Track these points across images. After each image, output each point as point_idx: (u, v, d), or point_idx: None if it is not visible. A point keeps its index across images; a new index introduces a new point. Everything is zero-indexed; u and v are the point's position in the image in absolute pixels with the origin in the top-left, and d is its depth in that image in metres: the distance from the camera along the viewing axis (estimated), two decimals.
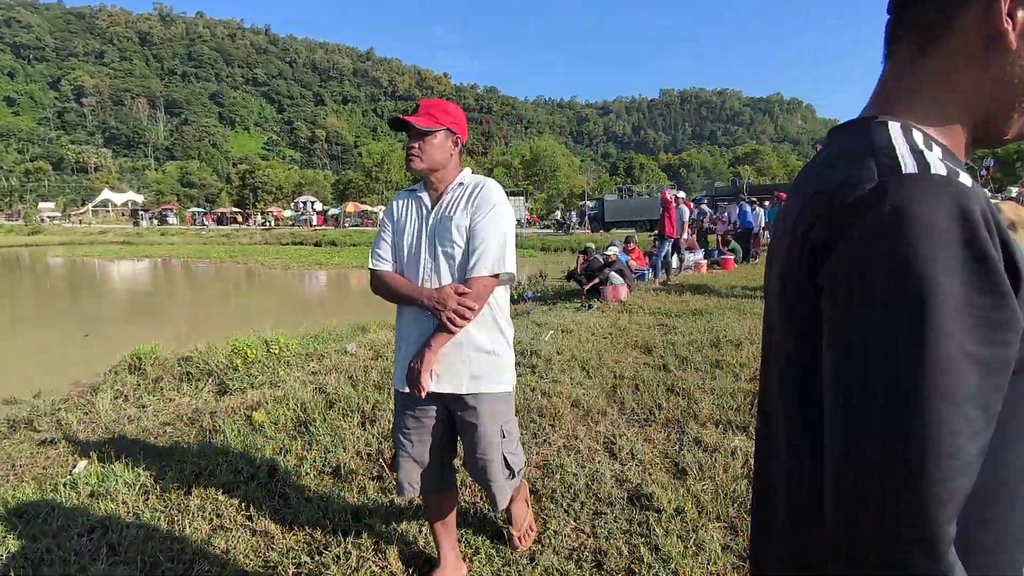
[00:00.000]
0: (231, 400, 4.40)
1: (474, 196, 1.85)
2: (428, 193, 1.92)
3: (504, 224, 1.84)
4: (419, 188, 1.96)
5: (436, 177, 1.89)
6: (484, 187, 1.87)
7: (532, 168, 62.17)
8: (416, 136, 1.83)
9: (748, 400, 3.88)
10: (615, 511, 2.55)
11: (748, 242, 14.10)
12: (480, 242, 1.78)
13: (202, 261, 25.90)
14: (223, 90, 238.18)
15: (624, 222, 31.48)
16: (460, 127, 1.91)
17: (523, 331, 6.13)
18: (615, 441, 3.29)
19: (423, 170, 1.86)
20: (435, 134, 1.84)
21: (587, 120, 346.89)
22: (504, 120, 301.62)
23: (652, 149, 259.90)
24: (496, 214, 1.82)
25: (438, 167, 1.87)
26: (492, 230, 1.80)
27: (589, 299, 8.40)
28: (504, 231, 1.82)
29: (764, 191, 27.94)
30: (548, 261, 20.68)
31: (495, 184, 1.90)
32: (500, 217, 1.83)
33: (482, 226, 1.80)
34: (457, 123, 1.90)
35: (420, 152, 1.83)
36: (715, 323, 6.11)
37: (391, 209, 1.98)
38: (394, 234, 1.94)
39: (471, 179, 1.93)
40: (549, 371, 4.61)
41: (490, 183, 1.90)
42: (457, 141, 1.91)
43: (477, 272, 1.77)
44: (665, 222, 9.96)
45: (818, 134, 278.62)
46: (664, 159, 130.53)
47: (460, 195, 1.88)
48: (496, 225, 1.81)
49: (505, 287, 1.96)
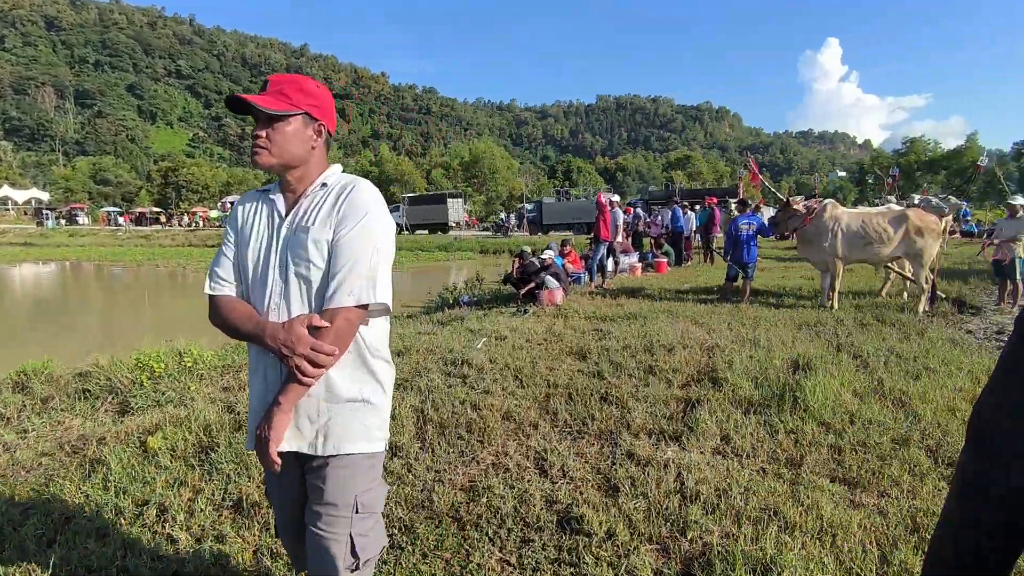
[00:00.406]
0: (128, 423, 3.95)
1: (340, 202, 1.43)
2: (283, 196, 1.51)
3: (378, 239, 1.42)
4: (273, 189, 1.55)
5: (293, 176, 1.49)
6: (354, 190, 1.44)
7: (471, 170, 61.83)
8: (264, 122, 1.44)
9: (680, 407, 3.83)
10: (543, 537, 2.39)
11: (680, 245, 14.45)
12: (344, 262, 1.38)
13: (117, 264, 24.11)
14: (142, 82, 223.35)
15: (562, 224, 31.78)
16: (325, 112, 1.52)
17: (456, 338, 5.91)
18: (546, 457, 3.14)
19: (273, 166, 1.45)
20: (288, 120, 1.44)
21: (526, 123, 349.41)
22: (443, 121, 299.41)
23: (589, 153, 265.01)
24: (368, 225, 1.41)
25: (294, 163, 1.47)
26: (361, 246, 1.39)
27: (525, 303, 8.28)
28: (377, 247, 1.42)
29: (695, 195, 28.96)
30: (486, 263, 20.55)
31: (369, 186, 1.49)
32: (373, 229, 1.41)
33: (348, 241, 1.39)
34: (320, 106, 1.50)
35: (269, 143, 1.43)
36: (649, 327, 6.11)
37: (235, 215, 1.56)
38: (238, 248, 1.52)
39: (338, 179, 1.51)
40: (481, 381, 4.42)
41: (362, 184, 1.48)
42: (321, 130, 1.51)
43: (338, 302, 1.36)
44: (600, 225, 9.99)
45: (744, 141, 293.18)
46: (601, 163, 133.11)
47: (322, 200, 1.46)
48: (366, 240, 1.40)
49: (384, 317, 1.57)
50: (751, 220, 8.06)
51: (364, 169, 65.38)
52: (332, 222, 1.41)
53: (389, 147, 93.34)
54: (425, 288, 13.38)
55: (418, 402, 3.96)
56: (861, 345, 5.24)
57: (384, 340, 1.58)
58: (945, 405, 3.77)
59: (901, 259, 7.61)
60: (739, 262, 8.02)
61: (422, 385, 4.30)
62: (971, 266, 11.50)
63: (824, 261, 7.53)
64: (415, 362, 5.00)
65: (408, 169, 63.79)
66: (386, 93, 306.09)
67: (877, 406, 3.76)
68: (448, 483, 2.87)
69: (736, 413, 3.66)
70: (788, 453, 3.14)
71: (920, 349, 5.11)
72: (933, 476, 2.85)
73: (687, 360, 4.84)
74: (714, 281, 9.85)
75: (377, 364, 1.52)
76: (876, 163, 57.25)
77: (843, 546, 2.25)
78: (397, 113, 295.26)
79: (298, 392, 1.38)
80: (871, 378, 4.31)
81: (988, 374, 3.80)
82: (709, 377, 4.39)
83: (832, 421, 3.51)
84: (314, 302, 1.42)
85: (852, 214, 7.62)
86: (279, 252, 1.45)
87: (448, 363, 4.95)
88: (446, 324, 7.12)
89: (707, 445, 3.25)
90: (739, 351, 5.06)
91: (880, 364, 4.66)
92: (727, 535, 2.36)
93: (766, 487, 2.74)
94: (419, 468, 3.03)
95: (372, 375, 1.51)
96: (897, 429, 3.39)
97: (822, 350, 5.09)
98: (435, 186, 58.82)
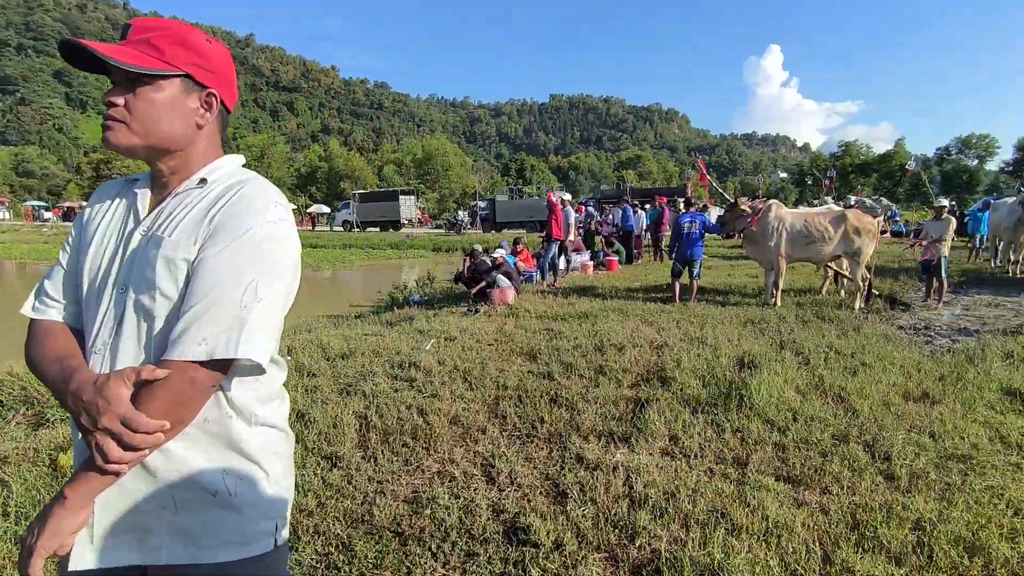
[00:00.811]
0: (41, 437, 3.62)
1: (218, 207, 1.00)
2: (150, 190, 1.09)
3: (264, 265, 0.97)
4: (144, 179, 1.12)
5: (166, 165, 1.06)
6: (241, 192, 1.02)
7: (424, 167, 61.21)
8: (122, 85, 1.00)
9: (630, 408, 3.81)
10: (489, 550, 2.29)
11: (631, 244, 14.64)
12: (202, 295, 0.93)
13: (43, 262, 22.51)
14: (71, 68, 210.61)
15: (515, 222, 31.78)
16: (218, 77, 1.08)
17: (404, 340, 5.74)
18: (494, 463, 3.05)
19: (133, 149, 1.02)
20: (158, 83, 1.01)
21: (480, 121, 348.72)
22: (396, 117, 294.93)
23: (543, 151, 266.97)
24: (250, 244, 0.97)
25: (166, 146, 1.03)
26: (232, 274, 0.95)
27: (476, 303, 8.16)
28: (259, 278, 0.96)
29: (645, 195, 29.49)
30: (439, 262, 20.30)
31: (264, 188, 1.05)
32: (258, 251, 0.97)
33: (214, 264, 0.95)
34: (211, 69, 1.06)
35: (128, 115, 1.00)
36: (599, 326, 6.11)
37: (84, 212, 1.14)
38: (76, 255, 1.10)
39: (226, 175, 1.08)
40: (429, 384, 4.28)
41: (254, 185, 1.04)
42: (211, 102, 1.07)
43: (180, 352, 0.91)
44: (552, 224, 9.98)
45: (692, 142, 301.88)
46: (554, 161, 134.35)
47: (194, 202, 1.03)
48: (244, 265, 0.96)
49: (281, 366, 1.12)
50: (694, 218, 8.19)
51: (313, 165, 63.67)
52: (200, 235, 0.98)
53: (340, 142, 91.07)
54: (375, 287, 13.08)
55: (362, 408, 3.79)
56: (803, 342, 5.39)
57: (272, 397, 1.10)
58: (880, 400, 3.90)
59: (840, 258, 7.91)
60: (683, 259, 8.14)
61: (367, 390, 4.13)
62: (900, 264, 12.13)
63: (769, 260, 7.74)
64: (360, 365, 4.81)
65: (359, 165, 62.41)
66: (336, 87, 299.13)
67: (818, 403, 3.85)
68: (390, 494, 2.74)
69: (684, 413, 3.66)
70: (735, 452, 3.16)
71: (857, 345, 5.29)
72: (871, 471, 2.92)
73: (637, 359, 4.85)
74: (663, 279, 10.00)
75: (255, 437, 1.05)
76: (814, 165, 60.04)
77: (788, 547, 2.25)
78: (348, 108, 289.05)
79: (96, 485, 0.91)
80: (812, 375, 4.42)
81: (918, 369, 3.94)
82: (658, 376, 4.40)
83: (776, 419, 3.56)
84: (155, 350, 0.96)
85: (795, 214, 7.87)
86: (120, 270, 1.01)
87: (395, 366, 4.78)
88: (395, 325, 6.92)
89: (656, 446, 3.23)
90: (687, 350, 5.11)
91: (821, 361, 4.80)
92: (675, 540, 2.32)
93: (714, 488, 2.73)
94: (360, 479, 2.88)
95: (244, 454, 1.03)
96: (837, 425, 3.47)
97: (766, 347, 5.20)
98: (387, 183, 57.79)
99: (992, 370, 4.50)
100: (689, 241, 8.06)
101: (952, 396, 3.98)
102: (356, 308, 10.33)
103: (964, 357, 4.95)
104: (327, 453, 3.15)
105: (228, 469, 1.01)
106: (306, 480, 2.83)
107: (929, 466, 2.96)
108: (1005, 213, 10.95)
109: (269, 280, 0.98)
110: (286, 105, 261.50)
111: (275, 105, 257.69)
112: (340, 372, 4.62)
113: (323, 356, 5.17)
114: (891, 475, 2.89)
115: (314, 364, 4.84)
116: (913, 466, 2.96)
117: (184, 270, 0.97)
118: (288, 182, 60.71)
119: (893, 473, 2.89)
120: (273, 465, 1.09)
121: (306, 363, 4.86)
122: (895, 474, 2.88)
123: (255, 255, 0.97)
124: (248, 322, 0.94)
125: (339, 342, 5.62)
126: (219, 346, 0.92)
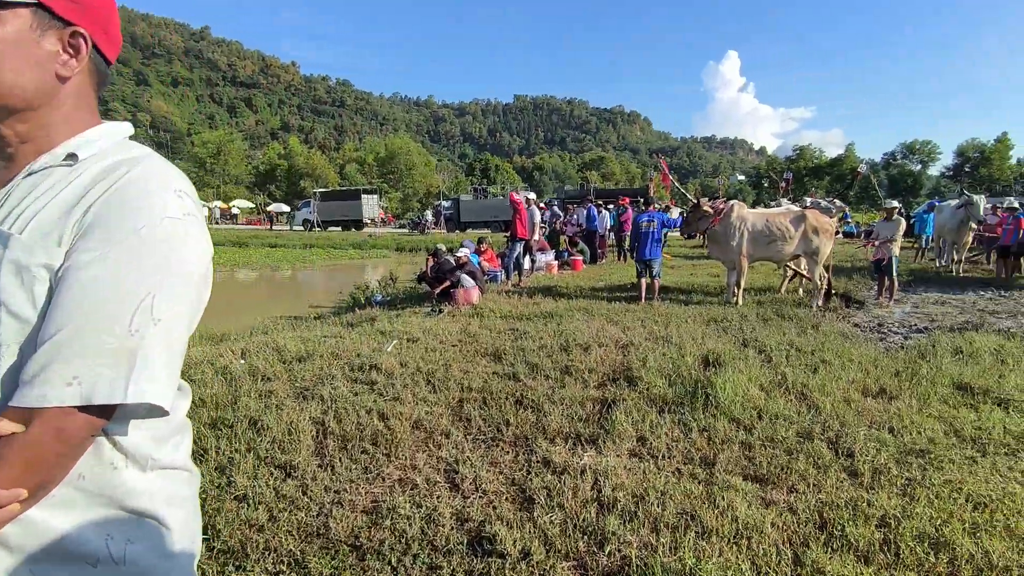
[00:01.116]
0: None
1: (94, 195, 0.74)
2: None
3: (161, 276, 0.73)
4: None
5: (12, 130, 0.77)
6: (129, 175, 0.75)
7: (387, 166, 60.28)
8: None
9: (596, 409, 3.75)
10: (453, 562, 2.18)
11: (595, 243, 14.71)
12: (71, 316, 0.68)
13: None
14: None
15: (480, 222, 31.63)
16: (88, 11, 0.79)
17: (365, 341, 5.56)
18: (458, 469, 2.93)
19: None
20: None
21: (444, 120, 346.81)
22: (358, 115, 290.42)
23: (507, 152, 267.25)
24: (141, 248, 0.72)
25: (10, 101, 0.75)
26: (119, 288, 0.70)
27: (439, 303, 8.01)
28: (153, 293, 0.72)
29: (609, 195, 29.75)
30: (402, 262, 20.01)
31: (162, 169, 0.79)
32: (151, 258, 0.72)
33: (93, 276, 0.69)
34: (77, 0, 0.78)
35: None
36: (565, 326, 6.05)
37: None
38: None
39: (106, 150, 0.81)
40: (390, 387, 4.13)
41: (146, 166, 0.78)
42: (79, 44, 0.78)
43: (40, 397, 0.66)
44: (517, 224, 9.90)
45: (654, 144, 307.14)
46: (518, 161, 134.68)
47: (57, 185, 0.76)
48: (134, 276, 0.71)
49: (184, 393, 0.91)
50: (652, 217, 8.22)
51: (272, 163, 61.99)
52: (68, 232, 0.72)
53: (300, 140, 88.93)
54: (336, 287, 12.75)
55: (319, 413, 3.61)
56: (764, 340, 5.45)
57: (174, 432, 0.87)
58: (841, 397, 3.95)
59: (799, 258, 8.09)
60: (640, 259, 8.15)
61: (325, 394, 3.95)
62: (853, 264, 12.53)
63: (732, 259, 7.85)
64: (318, 368, 4.61)
65: (320, 163, 61.06)
66: (297, 84, 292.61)
67: (782, 400, 3.87)
68: (348, 505, 2.59)
69: (651, 412, 3.62)
70: (702, 452, 3.13)
71: (816, 343, 5.38)
72: (835, 468, 2.93)
73: (603, 359, 4.80)
74: (627, 279, 10.04)
75: (151, 484, 0.81)
76: (771, 168, 61.81)
77: (759, 549, 2.22)
78: (309, 105, 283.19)
79: None
80: (775, 372, 4.46)
81: (875, 365, 4.00)
82: (624, 376, 4.35)
83: (742, 417, 3.55)
84: (4, 392, 0.70)
85: (757, 214, 8.01)
86: None
87: (355, 368, 4.61)
88: (356, 326, 6.71)
89: (623, 447, 3.18)
90: (653, 349, 5.10)
91: (783, 358, 4.85)
92: (646, 545, 2.26)
93: (682, 489, 2.68)
94: (316, 489, 2.72)
95: (135, 511, 0.79)
96: (801, 423, 3.49)
97: (730, 346, 5.24)
98: (349, 181, 56.71)
99: (943, 366, 4.63)
100: (647, 240, 8.06)
101: (908, 392, 4.06)
102: (316, 309, 10.02)
103: (917, 353, 5.09)
104: (281, 462, 2.97)
105: (113, 531, 0.77)
106: (257, 492, 2.65)
107: (890, 461, 2.99)
108: (948, 215, 11.43)
109: (169, 295, 0.73)
110: (244, 101, 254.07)
111: (232, 101, 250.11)
112: (297, 376, 4.42)
113: (279, 359, 4.95)
114: (855, 471, 2.90)
115: (269, 368, 4.62)
116: (875, 462, 2.98)
117: (45, 281, 0.70)
118: (246, 180, 58.97)
119: (857, 469, 2.91)
120: (174, 514, 0.85)
121: (260, 367, 4.63)
122: (859, 470, 2.90)
123: (150, 261, 0.72)
124: (141, 353, 0.70)
125: (296, 344, 5.39)
126: (99, 388, 0.67)
